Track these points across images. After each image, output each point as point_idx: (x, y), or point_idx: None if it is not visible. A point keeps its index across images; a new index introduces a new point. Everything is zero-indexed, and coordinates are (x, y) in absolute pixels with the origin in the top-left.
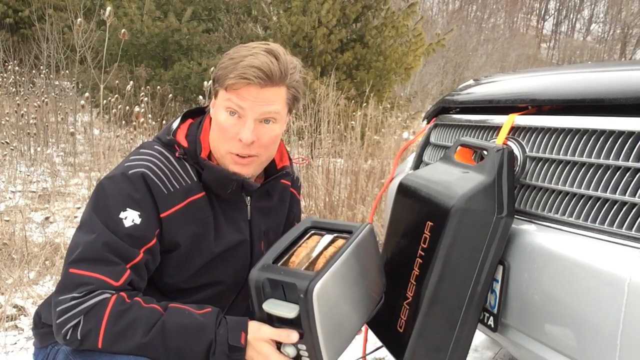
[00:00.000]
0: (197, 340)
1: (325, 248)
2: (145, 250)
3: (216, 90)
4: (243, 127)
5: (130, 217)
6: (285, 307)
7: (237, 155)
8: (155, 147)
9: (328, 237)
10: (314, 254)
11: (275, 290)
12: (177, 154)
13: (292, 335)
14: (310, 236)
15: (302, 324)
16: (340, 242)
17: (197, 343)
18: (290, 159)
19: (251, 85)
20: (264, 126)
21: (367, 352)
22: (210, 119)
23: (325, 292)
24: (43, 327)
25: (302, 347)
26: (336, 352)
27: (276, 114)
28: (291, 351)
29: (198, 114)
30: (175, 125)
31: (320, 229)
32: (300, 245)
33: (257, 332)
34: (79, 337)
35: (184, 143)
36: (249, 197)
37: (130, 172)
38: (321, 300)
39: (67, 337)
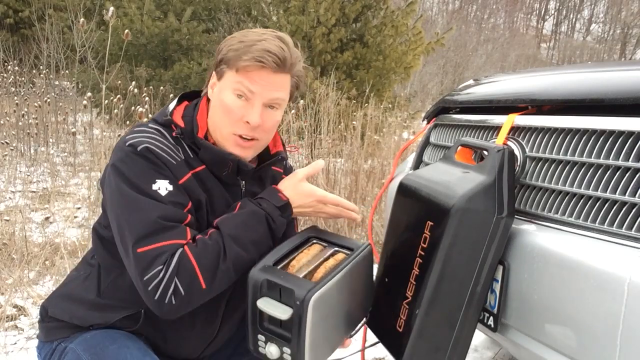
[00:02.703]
0: (256, 224)
1: (326, 259)
2: (187, 210)
3: (221, 71)
4: (251, 110)
5: (163, 186)
6: (278, 308)
7: (241, 137)
8: (150, 125)
9: (330, 249)
10: (315, 263)
11: (271, 292)
12: (174, 134)
13: (319, 162)
14: (312, 244)
15: (291, 328)
16: (340, 256)
17: (259, 225)
18: (283, 145)
19: (264, 69)
20: (269, 111)
21: (364, 349)
22: (207, 100)
23: (320, 303)
24: (50, 321)
25: (287, 350)
26: None
27: (282, 100)
28: (275, 351)
29: (194, 97)
30: (171, 106)
31: (323, 240)
32: (301, 252)
33: (293, 177)
34: (184, 296)
35: (181, 123)
36: (243, 182)
37: (138, 148)
38: (316, 310)
39: (174, 305)
